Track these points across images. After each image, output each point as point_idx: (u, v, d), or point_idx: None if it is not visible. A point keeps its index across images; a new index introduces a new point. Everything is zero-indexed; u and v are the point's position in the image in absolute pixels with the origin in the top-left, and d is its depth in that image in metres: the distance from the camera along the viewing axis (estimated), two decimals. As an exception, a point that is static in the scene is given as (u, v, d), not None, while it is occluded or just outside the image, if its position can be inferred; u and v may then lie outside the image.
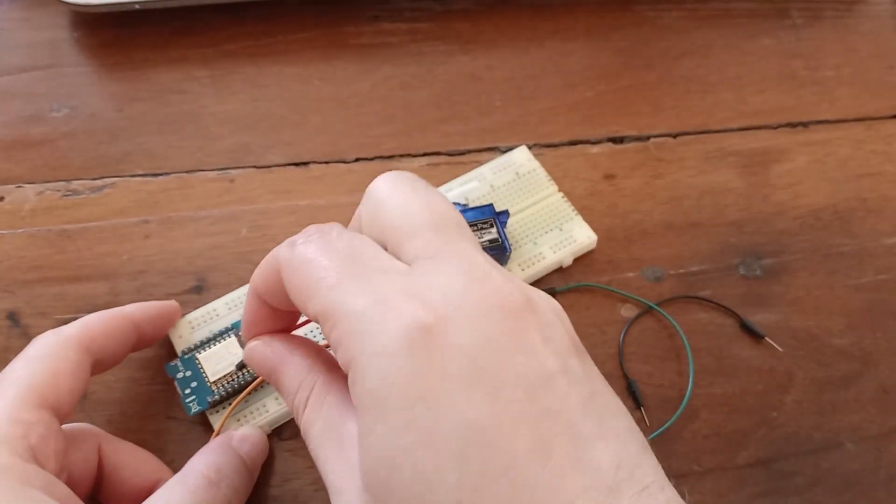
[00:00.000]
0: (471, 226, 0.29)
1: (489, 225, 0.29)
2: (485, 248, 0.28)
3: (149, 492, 0.23)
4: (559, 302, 0.19)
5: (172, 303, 0.28)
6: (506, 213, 0.30)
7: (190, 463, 0.23)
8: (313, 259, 0.19)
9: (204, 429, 0.27)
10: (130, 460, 0.24)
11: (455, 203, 0.30)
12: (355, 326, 0.18)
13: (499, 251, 0.28)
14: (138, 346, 0.26)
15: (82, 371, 0.23)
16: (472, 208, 0.30)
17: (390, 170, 0.32)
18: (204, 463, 0.22)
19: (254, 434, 0.25)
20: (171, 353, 0.28)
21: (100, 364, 0.24)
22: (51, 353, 0.22)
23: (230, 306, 0.29)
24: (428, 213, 0.20)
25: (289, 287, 0.19)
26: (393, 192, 0.20)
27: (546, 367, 0.17)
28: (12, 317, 0.29)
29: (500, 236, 0.29)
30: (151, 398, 0.28)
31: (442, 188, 0.32)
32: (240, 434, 0.25)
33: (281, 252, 0.20)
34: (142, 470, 0.24)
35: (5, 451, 0.20)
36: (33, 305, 0.29)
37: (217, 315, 0.28)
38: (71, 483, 0.22)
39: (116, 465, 0.24)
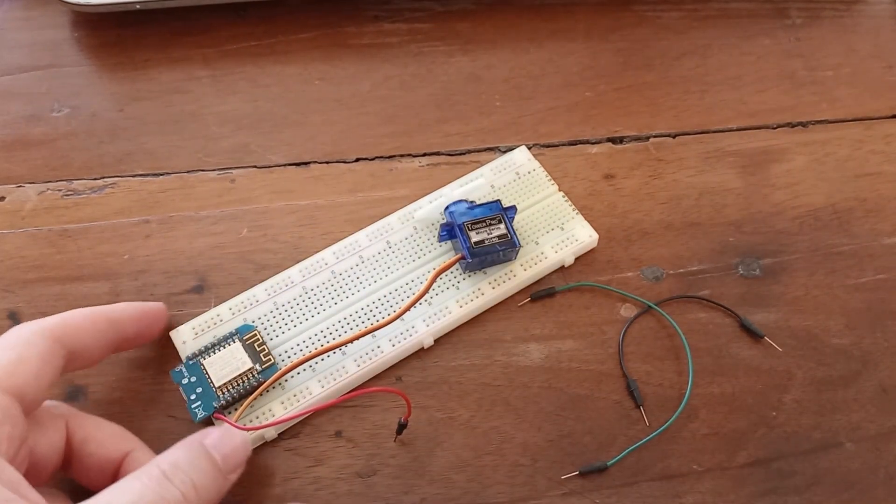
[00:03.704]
0: (479, 222, 0.29)
1: (498, 221, 0.29)
2: (494, 244, 0.29)
3: (117, 463, 0.24)
4: (559, 301, 0.19)
5: (158, 304, 0.28)
6: (513, 209, 0.30)
7: (154, 458, 0.23)
8: None
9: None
10: (96, 434, 0.24)
11: (461, 201, 0.30)
12: None
13: (508, 246, 0.29)
14: (122, 346, 0.26)
15: (52, 359, 0.23)
16: (480, 205, 0.30)
17: (391, 169, 0.33)
18: (164, 458, 0.22)
19: (233, 436, 0.24)
20: (175, 357, 0.28)
21: (77, 358, 0.24)
22: (20, 340, 0.23)
23: (234, 311, 0.29)
24: None
25: None
26: None
27: None
28: (13, 316, 0.29)
29: (509, 231, 0.29)
30: (152, 397, 0.28)
31: (442, 188, 0.32)
32: (217, 434, 0.24)
33: None
34: (107, 442, 0.24)
35: None
36: (34, 305, 0.29)
37: (221, 320, 0.29)
38: (34, 463, 0.22)
39: (83, 440, 0.24)
